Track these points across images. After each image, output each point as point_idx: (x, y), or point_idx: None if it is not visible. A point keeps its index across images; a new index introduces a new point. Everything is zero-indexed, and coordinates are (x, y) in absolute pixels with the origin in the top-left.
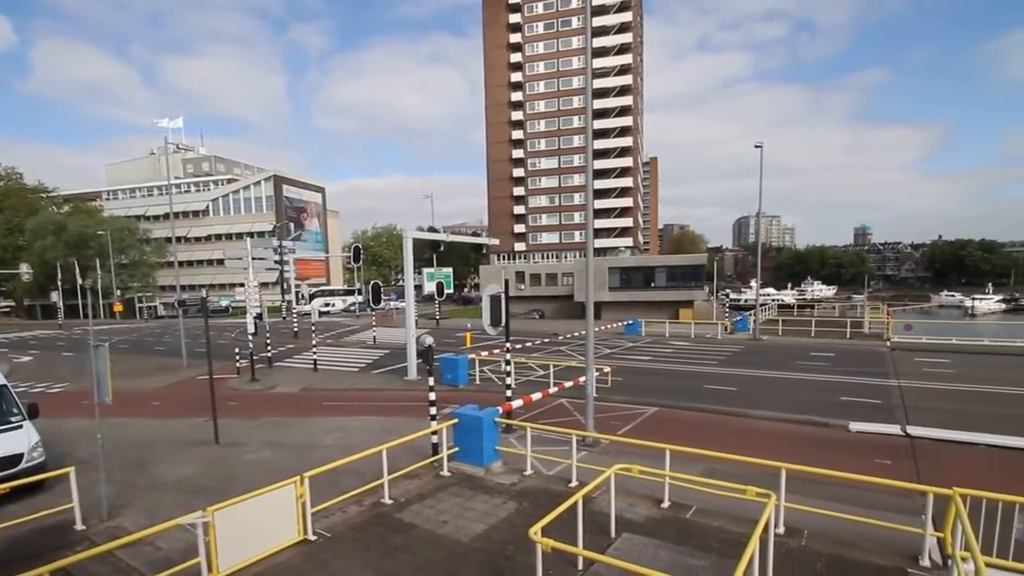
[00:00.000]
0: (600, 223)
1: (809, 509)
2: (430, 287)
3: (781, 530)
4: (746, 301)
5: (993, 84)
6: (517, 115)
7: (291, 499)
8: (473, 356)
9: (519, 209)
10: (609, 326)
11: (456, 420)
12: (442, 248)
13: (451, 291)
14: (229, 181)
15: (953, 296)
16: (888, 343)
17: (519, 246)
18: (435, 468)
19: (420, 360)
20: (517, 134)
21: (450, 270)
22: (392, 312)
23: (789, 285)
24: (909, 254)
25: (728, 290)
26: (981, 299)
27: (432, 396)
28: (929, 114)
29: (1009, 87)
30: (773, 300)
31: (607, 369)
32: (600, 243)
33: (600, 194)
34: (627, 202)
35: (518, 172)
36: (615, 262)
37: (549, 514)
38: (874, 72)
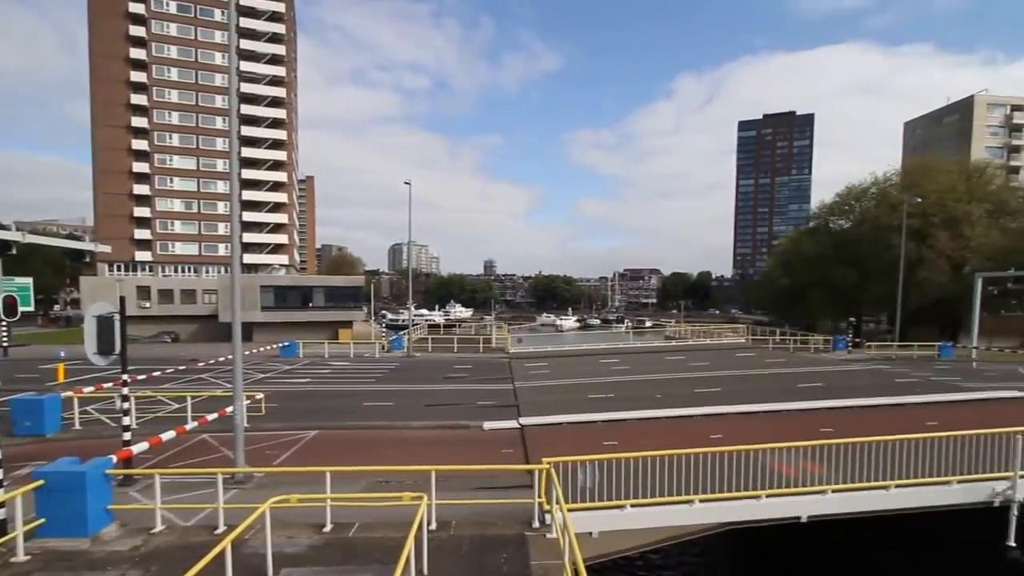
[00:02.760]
0: (251, 237)
1: (456, 502)
2: None
3: (434, 526)
4: (402, 321)
5: (566, 164)
6: (140, 99)
7: None
8: (70, 394)
9: (143, 211)
10: (262, 348)
11: (40, 482)
12: (14, 251)
13: (31, 308)
14: None
15: (549, 317)
16: (508, 354)
17: (143, 255)
18: (3, 556)
19: None
20: (140, 121)
21: (30, 281)
22: None
23: (437, 307)
24: (521, 283)
25: (385, 311)
26: (565, 319)
27: None
28: (529, 178)
29: (574, 169)
30: (425, 320)
31: (260, 395)
32: (251, 259)
33: (251, 206)
34: (282, 218)
35: (141, 167)
36: (269, 280)
37: (187, 574)
38: (493, 137)
